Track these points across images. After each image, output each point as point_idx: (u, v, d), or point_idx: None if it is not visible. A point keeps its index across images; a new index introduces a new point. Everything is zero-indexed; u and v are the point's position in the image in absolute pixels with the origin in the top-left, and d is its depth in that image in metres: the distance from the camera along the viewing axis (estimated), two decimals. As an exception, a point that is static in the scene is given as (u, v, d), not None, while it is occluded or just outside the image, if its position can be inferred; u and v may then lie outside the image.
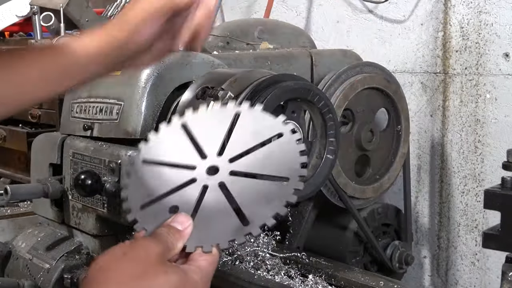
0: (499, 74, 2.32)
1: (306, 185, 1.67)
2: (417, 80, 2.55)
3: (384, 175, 2.19)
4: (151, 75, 1.79)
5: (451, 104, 2.46)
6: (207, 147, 1.07)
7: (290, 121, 1.11)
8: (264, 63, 2.07)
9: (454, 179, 2.48)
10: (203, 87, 1.69)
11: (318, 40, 2.72)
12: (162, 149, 1.08)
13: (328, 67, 2.18)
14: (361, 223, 2.13)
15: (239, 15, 3.21)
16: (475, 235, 2.44)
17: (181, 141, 1.08)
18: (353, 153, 2.11)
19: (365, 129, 2.10)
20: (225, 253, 1.75)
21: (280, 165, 1.06)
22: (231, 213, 1.03)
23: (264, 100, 1.56)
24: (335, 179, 2.02)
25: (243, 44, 2.21)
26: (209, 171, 1.05)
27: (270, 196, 1.05)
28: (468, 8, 2.39)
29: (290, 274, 1.73)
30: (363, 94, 2.10)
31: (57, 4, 2.40)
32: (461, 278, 2.50)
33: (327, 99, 1.69)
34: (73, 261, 1.94)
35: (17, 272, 2.05)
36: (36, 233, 2.10)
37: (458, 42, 2.43)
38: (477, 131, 2.40)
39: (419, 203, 2.59)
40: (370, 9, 2.70)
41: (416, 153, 2.57)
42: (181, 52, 1.91)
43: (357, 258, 2.20)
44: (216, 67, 1.87)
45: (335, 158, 1.71)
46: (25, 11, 2.79)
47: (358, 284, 1.74)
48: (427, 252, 2.60)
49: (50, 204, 2.04)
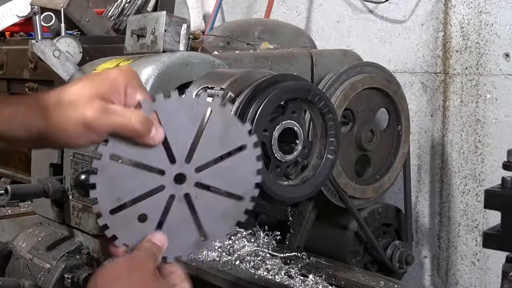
0: (499, 74, 2.32)
1: (306, 185, 1.67)
2: (417, 80, 2.55)
3: (384, 175, 2.19)
4: (152, 75, 1.79)
5: (452, 104, 2.46)
6: (177, 147, 1.03)
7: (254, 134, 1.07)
8: (264, 63, 2.07)
9: (455, 179, 2.48)
10: (203, 87, 1.69)
11: (319, 40, 2.72)
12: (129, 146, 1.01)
13: (329, 67, 2.19)
14: (362, 223, 2.13)
15: (240, 15, 3.21)
16: (475, 235, 2.44)
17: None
18: (354, 153, 2.11)
19: (365, 129, 2.10)
20: (225, 253, 1.75)
21: (238, 181, 1.07)
22: (193, 228, 1.06)
23: (264, 100, 1.56)
24: (336, 179, 2.02)
25: (243, 44, 2.22)
26: (176, 179, 1.04)
27: (226, 213, 1.08)
28: (469, 8, 2.39)
29: (290, 274, 1.73)
30: (363, 94, 2.10)
31: (57, 4, 2.40)
32: (461, 278, 2.50)
33: (327, 99, 1.69)
34: (73, 261, 1.94)
35: (17, 272, 2.05)
36: (36, 233, 2.10)
37: (458, 42, 2.43)
38: (478, 131, 2.40)
39: (420, 203, 2.59)
40: (370, 9, 2.70)
41: (417, 153, 2.57)
42: (181, 52, 1.92)
43: (357, 258, 2.20)
44: (217, 67, 1.88)
45: (335, 158, 1.71)
46: (25, 11, 2.79)
47: (359, 284, 1.74)
48: (427, 252, 2.60)
49: (51, 204, 2.04)
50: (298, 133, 1.66)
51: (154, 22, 1.94)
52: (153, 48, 1.94)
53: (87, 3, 2.59)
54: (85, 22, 2.52)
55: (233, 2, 3.23)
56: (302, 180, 1.68)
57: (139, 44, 2.00)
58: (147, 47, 1.97)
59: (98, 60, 2.08)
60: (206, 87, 1.68)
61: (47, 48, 2.04)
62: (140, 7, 2.89)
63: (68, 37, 2.18)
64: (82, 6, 2.52)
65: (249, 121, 1.55)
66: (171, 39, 1.92)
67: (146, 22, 1.98)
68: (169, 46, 1.92)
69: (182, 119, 1.03)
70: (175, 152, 1.03)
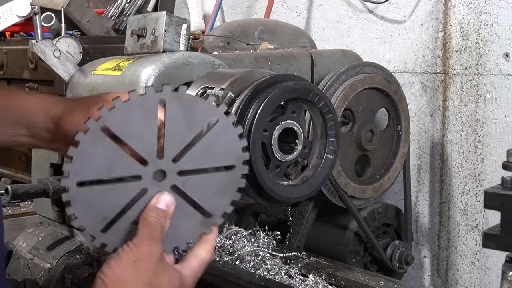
0: (499, 74, 2.33)
1: (306, 185, 1.68)
2: (417, 80, 2.56)
3: (384, 175, 2.19)
4: (152, 75, 1.79)
5: (451, 104, 2.46)
6: (143, 149, 0.99)
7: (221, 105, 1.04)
8: (264, 63, 2.07)
9: (454, 179, 2.48)
10: (203, 87, 1.69)
11: (319, 40, 2.72)
12: (93, 165, 0.96)
13: (328, 67, 2.19)
14: (361, 223, 2.13)
15: (240, 15, 3.21)
16: (475, 235, 2.44)
17: (110, 149, 0.97)
18: (353, 153, 2.11)
19: (365, 129, 2.11)
20: (225, 253, 1.75)
21: (222, 153, 1.05)
22: (192, 211, 1.07)
23: (264, 100, 1.57)
24: (336, 179, 2.02)
25: (243, 44, 2.22)
26: (156, 176, 1.02)
27: (222, 186, 1.07)
28: (468, 8, 2.39)
29: (290, 274, 1.73)
30: (363, 94, 2.11)
31: (58, 5, 2.40)
32: (461, 278, 2.50)
33: (327, 99, 1.69)
34: (74, 261, 1.94)
35: (18, 271, 2.05)
36: (37, 233, 2.10)
37: (458, 42, 2.43)
38: (477, 131, 2.40)
39: (419, 203, 2.60)
40: (370, 9, 2.70)
41: (416, 153, 2.57)
42: (181, 52, 1.92)
43: (357, 258, 2.20)
44: (217, 67, 1.88)
45: (335, 158, 1.71)
46: (26, 12, 2.79)
47: (358, 284, 1.75)
48: (427, 252, 2.60)
49: (51, 204, 2.04)
50: (298, 133, 1.66)
51: (154, 22, 1.94)
52: (153, 48, 1.94)
53: (87, 3, 2.59)
54: (85, 22, 2.53)
55: (233, 2, 3.24)
56: (302, 180, 1.68)
57: (139, 44, 2.00)
58: (147, 47, 1.97)
59: (98, 60, 2.08)
60: (206, 87, 1.68)
61: (47, 48, 2.04)
62: (140, 7, 2.89)
63: (68, 37, 2.18)
64: (82, 6, 2.52)
65: (249, 121, 1.56)
66: (171, 39, 1.92)
67: (146, 22, 1.98)
68: (169, 46, 1.92)
69: (137, 121, 0.98)
70: (143, 154, 1.00)
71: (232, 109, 1.58)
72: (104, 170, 0.97)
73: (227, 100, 1.60)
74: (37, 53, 2.04)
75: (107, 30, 2.65)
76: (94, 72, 1.98)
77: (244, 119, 1.56)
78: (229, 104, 1.60)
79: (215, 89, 1.65)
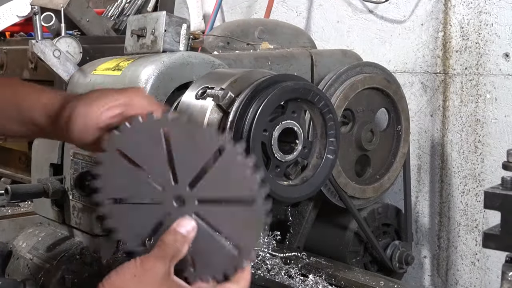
0: (499, 74, 2.32)
1: (306, 185, 1.68)
2: (417, 80, 2.56)
3: (384, 175, 2.19)
4: (152, 75, 1.79)
5: (451, 104, 2.46)
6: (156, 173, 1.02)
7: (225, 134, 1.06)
8: (264, 63, 2.07)
9: (454, 179, 2.48)
10: (203, 87, 1.69)
11: (319, 40, 2.72)
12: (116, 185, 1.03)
13: (328, 67, 2.19)
14: (361, 223, 2.13)
15: (240, 15, 3.21)
16: (475, 235, 2.44)
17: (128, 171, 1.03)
18: (353, 153, 2.11)
19: (365, 129, 2.10)
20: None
21: (237, 182, 1.01)
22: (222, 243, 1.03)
23: (264, 100, 1.57)
24: (335, 179, 2.02)
25: (243, 44, 2.22)
26: (177, 201, 1.03)
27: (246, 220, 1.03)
28: (468, 8, 2.39)
29: (290, 274, 1.73)
30: (363, 94, 2.10)
31: (57, 5, 2.40)
32: (461, 278, 2.50)
33: (327, 99, 1.69)
34: (73, 261, 1.94)
35: (17, 272, 2.05)
36: (36, 233, 2.10)
37: (458, 42, 2.43)
38: (477, 131, 2.40)
39: (419, 203, 2.60)
40: (370, 9, 2.70)
41: (416, 153, 2.57)
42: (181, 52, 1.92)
43: (357, 258, 2.20)
44: (217, 67, 1.88)
45: (335, 158, 1.71)
46: (25, 11, 2.79)
47: (358, 284, 1.74)
48: (427, 252, 2.60)
49: (51, 204, 2.04)
50: (298, 133, 1.66)
51: (154, 22, 1.94)
52: (153, 48, 1.94)
53: (87, 3, 2.59)
54: (85, 22, 2.53)
55: (233, 2, 3.23)
56: (302, 180, 1.68)
57: (139, 44, 2.00)
58: (147, 47, 1.97)
59: (98, 60, 2.08)
60: (206, 87, 1.68)
61: (47, 48, 2.04)
62: (140, 7, 2.89)
63: (68, 37, 2.18)
64: (82, 6, 2.52)
65: (249, 121, 1.56)
66: (171, 39, 1.92)
67: (146, 22, 1.98)
68: (169, 46, 1.92)
69: (146, 145, 1.01)
70: (158, 178, 1.02)
71: (232, 109, 1.58)
72: (126, 191, 1.02)
73: (227, 100, 1.60)
74: (37, 53, 2.04)
75: (107, 30, 2.65)
76: (94, 72, 1.98)
77: (244, 119, 1.56)
78: (229, 104, 1.60)
79: (215, 89, 1.65)
